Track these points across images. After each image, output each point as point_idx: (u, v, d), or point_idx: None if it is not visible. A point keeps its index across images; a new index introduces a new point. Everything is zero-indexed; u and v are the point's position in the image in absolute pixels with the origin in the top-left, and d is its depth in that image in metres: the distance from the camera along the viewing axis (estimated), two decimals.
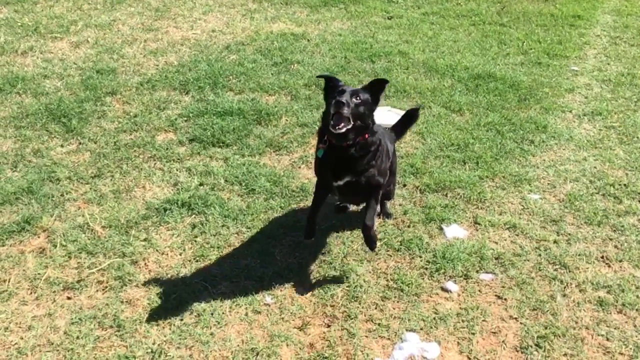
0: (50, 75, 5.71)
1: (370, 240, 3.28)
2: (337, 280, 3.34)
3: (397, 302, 3.21)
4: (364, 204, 3.48)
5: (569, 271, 3.45)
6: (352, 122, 2.96)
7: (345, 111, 2.90)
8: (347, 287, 3.29)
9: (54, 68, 5.85)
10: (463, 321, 3.10)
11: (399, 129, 3.87)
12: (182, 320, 3.04)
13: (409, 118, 3.88)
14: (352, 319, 3.09)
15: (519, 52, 6.91)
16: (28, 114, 4.95)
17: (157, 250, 3.52)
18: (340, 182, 3.17)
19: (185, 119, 5.01)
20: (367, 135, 3.08)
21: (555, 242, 3.70)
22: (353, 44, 6.80)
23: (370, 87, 3.11)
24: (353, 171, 3.13)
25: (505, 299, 3.25)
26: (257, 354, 2.86)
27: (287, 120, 5.05)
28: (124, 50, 6.36)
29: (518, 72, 6.28)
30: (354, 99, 2.96)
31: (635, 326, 3.09)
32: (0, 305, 3.11)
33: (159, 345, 2.89)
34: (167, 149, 4.56)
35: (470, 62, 6.43)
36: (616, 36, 7.69)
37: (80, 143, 4.62)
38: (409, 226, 3.80)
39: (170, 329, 2.98)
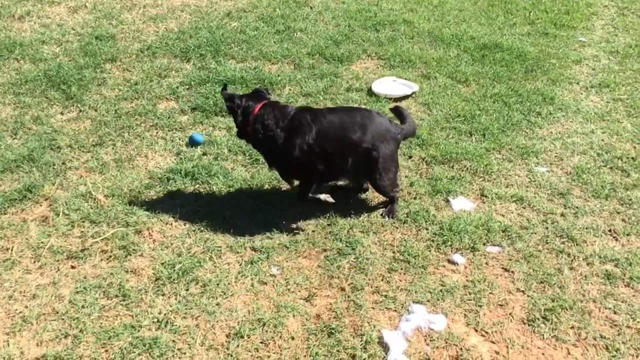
0: (49, 41, 5.58)
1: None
2: (343, 251, 3.31)
3: (404, 274, 3.20)
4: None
5: (576, 244, 3.43)
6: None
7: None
8: (353, 258, 3.27)
9: (52, 34, 5.71)
10: (470, 293, 3.08)
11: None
12: (187, 290, 3.03)
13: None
14: (358, 290, 3.07)
15: (526, 22, 6.78)
16: (27, 81, 4.85)
17: (161, 220, 3.48)
18: None
19: (187, 87, 4.92)
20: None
21: (562, 215, 3.67)
22: (357, 12, 6.65)
23: None
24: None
25: (512, 272, 3.23)
26: (264, 325, 2.85)
27: (290, 89, 4.96)
28: (123, 15, 6.22)
29: (525, 42, 6.17)
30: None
31: None
32: (4, 274, 3.08)
33: (164, 314, 2.88)
34: (169, 117, 4.49)
35: (476, 32, 6.31)
36: (624, 7, 7.54)
37: (80, 110, 4.54)
38: (415, 198, 3.76)
39: (176, 299, 2.97)
